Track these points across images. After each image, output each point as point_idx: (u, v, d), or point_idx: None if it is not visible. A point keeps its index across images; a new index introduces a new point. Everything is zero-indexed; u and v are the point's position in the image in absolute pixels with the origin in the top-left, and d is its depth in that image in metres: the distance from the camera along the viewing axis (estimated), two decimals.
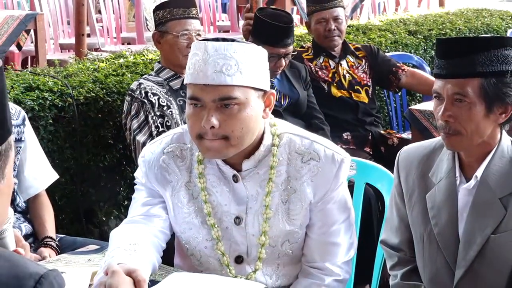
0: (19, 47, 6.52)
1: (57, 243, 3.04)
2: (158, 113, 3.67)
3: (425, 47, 6.27)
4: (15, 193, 3.04)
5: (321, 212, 2.43)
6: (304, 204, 2.41)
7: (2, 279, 1.34)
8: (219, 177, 2.42)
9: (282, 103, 4.25)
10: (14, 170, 2.96)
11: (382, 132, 4.71)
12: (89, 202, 4.17)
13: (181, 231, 2.49)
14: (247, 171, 2.40)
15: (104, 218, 4.25)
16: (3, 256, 1.38)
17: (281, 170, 2.41)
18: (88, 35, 7.57)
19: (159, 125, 3.65)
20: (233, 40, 2.28)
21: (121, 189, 4.33)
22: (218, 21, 9.42)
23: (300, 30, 6.21)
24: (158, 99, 3.70)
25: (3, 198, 1.49)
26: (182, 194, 2.44)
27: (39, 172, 3.15)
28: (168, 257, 2.52)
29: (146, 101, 3.68)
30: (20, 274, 1.36)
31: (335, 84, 4.66)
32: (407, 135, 4.82)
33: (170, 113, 3.68)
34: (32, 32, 6.30)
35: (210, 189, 2.43)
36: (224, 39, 2.29)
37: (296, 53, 4.43)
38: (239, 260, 2.46)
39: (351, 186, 2.97)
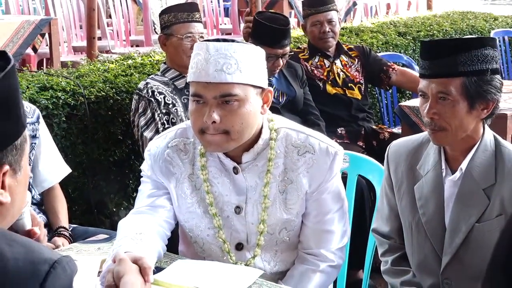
0: (34, 50, 6.50)
1: (70, 232, 3.03)
2: (164, 111, 3.66)
3: (414, 48, 6.26)
4: (30, 186, 3.03)
5: (316, 202, 2.43)
6: (300, 194, 2.41)
7: (18, 264, 1.33)
8: (220, 169, 2.42)
9: (280, 100, 4.25)
10: (30, 165, 2.95)
11: (374, 127, 4.70)
12: (100, 194, 4.16)
13: (184, 220, 2.48)
14: (246, 163, 2.40)
15: (114, 209, 4.25)
16: (19, 242, 1.37)
17: (279, 162, 2.40)
18: (99, 38, 7.55)
19: (165, 122, 3.64)
20: (233, 41, 2.28)
21: (130, 181, 4.32)
22: (220, 24, 9.41)
23: (297, 32, 6.19)
24: (164, 97, 3.69)
25: (21, 187, 1.49)
26: (185, 185, 2.43)
27: (52, 167, 3.14)
28: (173, 245, 2.51)
29: (152, 99, 3.67)
30: (35, 259, 1.35)
31: (329, 82, 4.65)
32: (397, 129, 4.81)
33: (175, 110, 3.67)
34: (46, 35, 6.29)
35: (212, 180, 2.43)
36: (224, 40, 2.28)
37: (293, 53, 4.43)
38: (239, 247, 2.46)
39: (344, 177, 2.96)
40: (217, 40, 2.28)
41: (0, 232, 1.37)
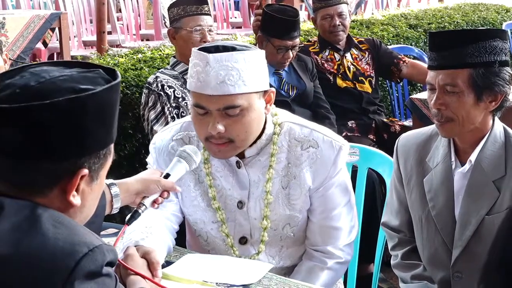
0: (45, 44, 6.52)
1: None
2: (173, 105, 3.66)
3: (425, 40, 6.22)
4: None
5: (322, 198, 2.41)
6: (303, 190, 2.39)
7: (58, 243, 1.38)
8: (223, 163, 2.41)
9: (290, 93, 4.25)
10: None
11: (385, 120, 4.68)
12: None
13: (188, 213, 2.48)
14: (249, 158, 2.39)
15: None
16: (64, 224, 1.42)
17: (282, 157, 2.39)
18: (110, 33, 7.57)
19: (174, 115, 3.64)
20: (233, 49, 2.23)
21: None
22: (230, 18, 9.40)
23: (307, 25, 6.17)
24: (174, 91, 3.69)
25: (93, 196, 1.55)
26: (189, 178, 2.43)
27: None
28: (182, 240, 2.51)
29: (162, 93, 3.67)
30: (76, 241, 1.39)
31: (340, 76, 4.64)
32: (408, 122, 4.79)
33: (185, 104, 3.67)
34: (57, 30, 6.30)
35: (215, 174, 2.43)
36: (224, 47, 2.23)
37: (303, 45, 4.41)
38: (243, 241, 2.45)
39: (354, 171, 2.96)
40: (217, 48, 2.23)
41: (50, 214, 1.42)
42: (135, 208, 2.07)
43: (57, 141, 1.42)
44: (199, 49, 2.25)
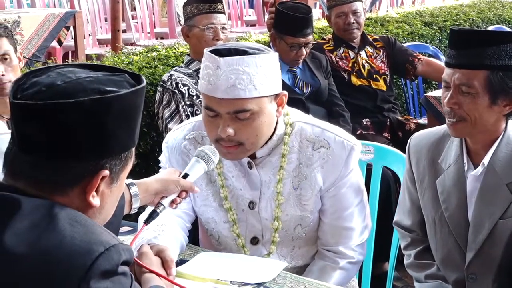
0: (60, 42, 6.55)
1: None
2: (188, 103, 3.66)
3: (440, 38, 6.19)
4: None
5: (334, 198, 2.40)
6: (314, 190, 2.38)
7: (74, 242, 1.39)
8: (235, 163, 2.41)
9: (305, 91, 4.24)
10: None
11: (400, 118, 4.66)
12: None
13: (200, 213, 2.49)
14: (261, 158, 2.39)
15: None
16: (81, 223, 1.43)
17: (293, 158, 2.38)
18: (124, 31, 7.59)
19: (189, 113, 3.64)
20: (245, 52, 2.21)
21: (155, 173, 4.28)
22: (245, 16, 9.40)
23: (321, 23, 6.16)
24: (188, 89, 3.69)
25: (112, 199, 1.57)
26: (201, 178, 2.41)
27: None
28: (195, 238, 2.51)
29: (176, 91, 3.68)
30: (93, 240, 1.41)
31: (354, 73, 4.63)
32: (423, 120, 4.76)
33: (199, 102, 3.67)
34: (71, 28, 6.33)
35: (226, 174, 2.42)
36: (236, 51, 2.21)
37: (316, 43, 4.40)
38: (254, 241, 2.45)
39: (369, 169, 2.95)
40: (229, 51, 2.22)
41: (67, 213, 1.43)
42: (154, 208, 2.07)
43: (80, 140, 1.43)
44: (211, 51, 2.24)
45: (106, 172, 1.48)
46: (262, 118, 2.24)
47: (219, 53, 2.21)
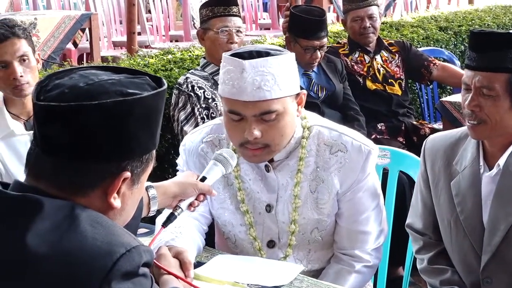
0: (75, 44, 6.59)
1: None
2: (203, 105, 3.67)
3: (455, 42, 6.18)
4: None
5: (351, 202, 2.40)
6: (331, 194, 2.38)
7: (95, 243, 1.39)
8: (252, 166, 2.41)
9: (320, 95, 4.24)
10: None
11: (415, 122, 4.66)
12: None
13: (217, 215, 2.49)
14: (278, 162, 2.39)
15: None
16: (103, 225, 1.44)
17: (310, 161, 2.38)
18: (139, 33, 7.60)
19: (204, 116, 3.64)
20: (267, 54, 2.23)
21: (170, 176, 4.29)
22: (259, 19, 9.40)
23: (336, 27, 6.15)
24: (204, 92, 3.70)
25: (133, 201, 1.57)
26: (218, 180, 2.42)
27: None
28: (211, 241, 2.52)
29: (192, 94, 3.68)
30: (114, 241, 1.41)
31: (370, 78, 4.62)
32: (438, 125, 4.76)
33: (215, 105, 3.67)
34: (87, 30, 6.37)
35: (244, 177, 2.43)
36: (258, 53, 2.23)
37: (331, 47, 4.40)
38: (271, 244, 2.45)
39: (385, 173, 2.94)
40: (251, 53, 2.23)
41: (88, 214, 1.44)
42: (172, 211, 2.08)
43: (102, 142, 1.44)
44: (232, 55, 2.24)
45: (128, 174, 1.48)
46: (287, 117, 2.26)
47: (241, 56, 2.21)
